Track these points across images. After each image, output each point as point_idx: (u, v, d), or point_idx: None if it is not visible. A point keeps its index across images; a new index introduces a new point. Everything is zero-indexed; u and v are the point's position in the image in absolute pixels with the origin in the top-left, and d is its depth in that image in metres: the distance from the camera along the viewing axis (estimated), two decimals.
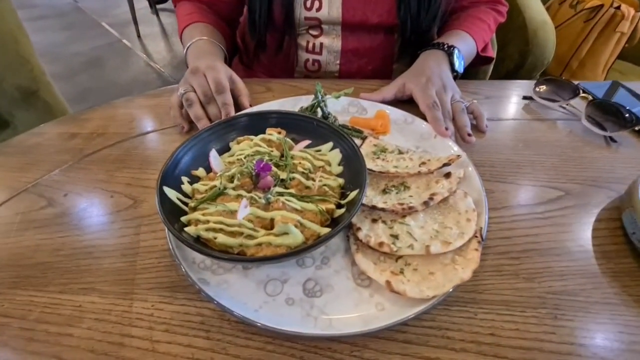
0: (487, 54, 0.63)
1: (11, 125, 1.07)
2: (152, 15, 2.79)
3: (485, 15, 0.62)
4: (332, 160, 0.36)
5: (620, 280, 0.31)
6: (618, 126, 0.46)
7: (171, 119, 0.47)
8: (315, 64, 0.63)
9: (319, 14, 0.57)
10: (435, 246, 0.30)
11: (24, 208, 0.37)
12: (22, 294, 0.30)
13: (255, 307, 0.28)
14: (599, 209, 0.37)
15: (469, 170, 0.38)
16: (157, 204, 0.29)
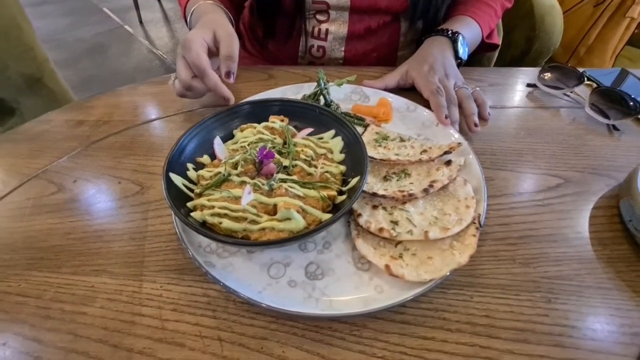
0: (493, 40, 0.62)
1: (17, 112, 1.08)
2: (154, 1, 2.75)
3: (492, 0, 0.60)
4: (334, 148, 0.37)
5: (615, 266, 0.32)
6: (622, 114, 0.46)
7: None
8: (320, 50, 0.63)
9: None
10: (434, 232, 0.30)
11: (35, 194, 0.38)
12: (37, 275, 0.31)
13: (259, 289, 0.29)
14: (597, 196, 0.38)
15: (470, 158, 0.39)
16: (163, 190, 0.30)
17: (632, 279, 0.31)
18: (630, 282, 0.30)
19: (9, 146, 0.44)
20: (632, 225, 0.33)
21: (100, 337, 0.27)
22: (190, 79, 0.43)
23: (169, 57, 2.14)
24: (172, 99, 0.51)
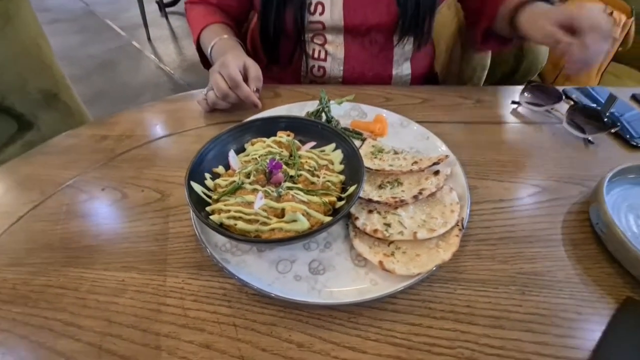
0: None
1: (34, 126, 1.14)
2: (162, 19, 2.86)
3: None
4: (334, 160, 0.42)
5: (583, 263, 0.36)
6: (597, 129, 0.51)
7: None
8: (321, 69, 0.68)
9: (322, 18, 0.62)
10: (422, 233, 0.35)
11: (68, 200, 0.43)
12: (73, 271, 0.36)
13: (268, 282, 0.33)
14: (571, 202, 0.42)
15: (456, 168, 0.43)
16: (186, 196, 0.35)
17: (597, 274, 0.35)
18: (595, 277, 0.34)
19: (44, 158, 0.49)
20: (598, 228, 0.37)
21: (131, 323, 0.31)
22: (228, 89, 0.52)
23: (176, 72, 2.22)
24: (187, 115, 0.57)
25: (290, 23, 0.62)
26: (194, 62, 2.32)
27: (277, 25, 0.63)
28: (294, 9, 0.60)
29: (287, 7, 0.61)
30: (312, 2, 0.61)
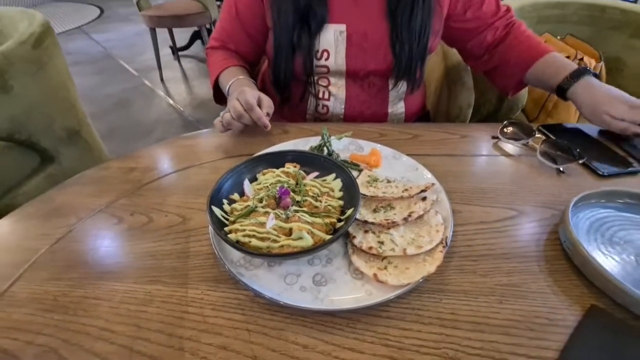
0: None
1: (56, 160, 1.22)
2: (174, 62, 3.08)
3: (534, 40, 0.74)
4: (334, 187, 0.48)
5: (554, 276, 0.40)
6: (567, 160, 0.57)
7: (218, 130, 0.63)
8: (325, 108, 0.77)
9: (327, 62, 0.71)
10: (411, 249, 0.40)
11: (101, 224, 0.49)
12: (107, 284, 0.41)
13: (277, 292, 0.38)
14: (544, 224, 0.47)
15: (441, 195, 0.49)
16: (208, 218, 0.41)
17: (566, 286, 0.39)
18: (564, 288, 0.39)
19: (78, 188, 0.56)
20: (566, 246, 0.42)
21: (158, 328, 0.36)
22: (243, 111, 0.60)
23: (186, 110, 2.37)
24: (204, 150, 0.64)
25: (300, 68, 0.71)
26: (203, 100, 2.48)
27: (287, 69, 0.72)
28: (303, 55, 0.69)
29: (296, 54, 0.70)
30: (318, 49, 0.70)
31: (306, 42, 0.68)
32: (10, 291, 0.40)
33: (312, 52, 0.70)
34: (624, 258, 0.41)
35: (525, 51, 0.72)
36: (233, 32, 0.77)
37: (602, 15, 1.20)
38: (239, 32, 0.76)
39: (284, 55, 0.71)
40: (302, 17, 0.66)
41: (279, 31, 0.69)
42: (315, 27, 0.67)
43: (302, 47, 0.68)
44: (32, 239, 0.47)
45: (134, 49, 3.40)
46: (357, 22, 0.68)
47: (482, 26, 0.74)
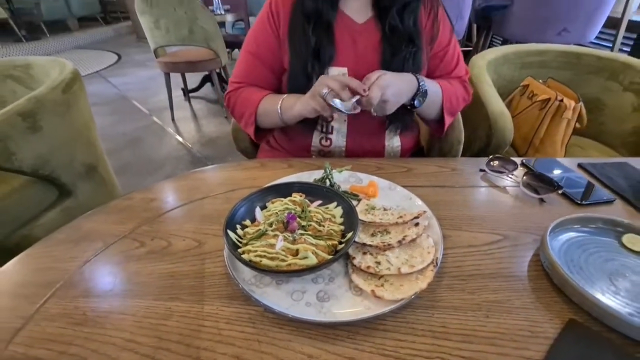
0: (447, 119, 0.82)
1: (73, 194, 1.29)
2: (185, 102, 3.27)
3: (457, 89, 0.84)
4: (336, 214, 0.53)
5: (536, 293, 0.45)
6: (547, 190, 0.63)
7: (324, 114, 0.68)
8: (328, 141, 0.84)
9: None
10: (405, 269, 0.45)
11: (125, 248, 0.54)
12: (131, 301, 0.45)
13: (285, 307, 0.42)
14: (527, 247, 0.52)
15: (432, 221, 0.54)
16: (224, 239, 0.46)
17: (547, 302, 0.43)
18: (545, 304, 0.43)
19: (104, 216, 0.62)
20: (546, 266, 0.47)
21: (177, 339, 0.40)
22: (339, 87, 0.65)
23: (195, 147, 2.48)
24: (217, 182, 0.71)
25: None
26: (211, 138, 2.60)
27: None
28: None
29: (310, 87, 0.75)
30: None
31: (320, 73, 0.75)
32: (44, 307, 0.45)
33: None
34: (598, 276, 0.45)
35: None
36: (252, 68, 0.82)
37: (579, 62, 1.32)
38: (258, 66, 0.81)
39: (298, 88, 0.76)
40: (314, 54, 0.75)
41: (295, 66, 0.77)
42: (325, 62, 0.75)
43: (315, 78, 0.74)
44: (63, 261, 0.52)
45: (147, 91, 3.62)
46: (356, 66, 0.77)
47: (434, 74, 0.84)
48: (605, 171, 0.70)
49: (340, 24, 0.76)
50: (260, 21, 0.80)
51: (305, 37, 0.74)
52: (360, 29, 0.77)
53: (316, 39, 0.74)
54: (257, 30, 0.81)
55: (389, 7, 0.74)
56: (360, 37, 0.77)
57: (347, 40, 0.76)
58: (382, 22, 0.76)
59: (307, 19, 0.74)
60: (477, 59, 1.26)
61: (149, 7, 2.36)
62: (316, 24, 0.74)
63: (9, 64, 1.41)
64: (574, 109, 1.07)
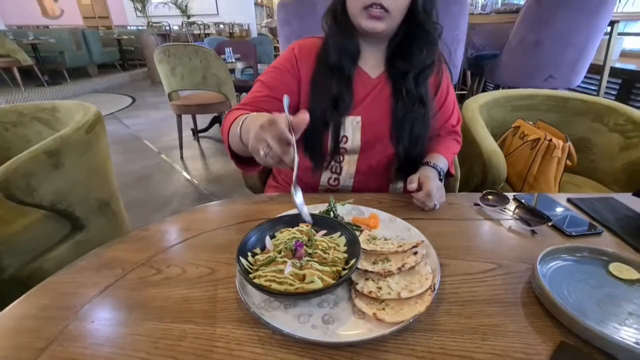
0: (452, 171, 0.90)
1: (85, 228, 1.34)
2: (194, 142, 3.41)
3: (454, 147, 0.91)
4: (339, 243, 0.58)
5: (529, 318, 0.47)
6: (538, 223, 0.67)
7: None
8: (336, 180, 0.90)
9: (346, 145, 0.84)
10: (404, 293, 0.48)
11: (142, 274, 0.58)
12: (149, 324, 0.48)
13: (292, 329, 0.45)
14: (520, 275, 0.55)
15: (430, 250, 0.58)
16: (237, 265, 0.50)
17: (539, 326, 0.46)
18: (537, 328, 0.46)
19: (123, 245, 0.66)
20: (537, 292, 0.50)
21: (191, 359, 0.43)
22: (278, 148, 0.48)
23: (202, 184, 2.55)
24: (229, 215, 0.76)
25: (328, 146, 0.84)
26: (218, 176, 2.69)
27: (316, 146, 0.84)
28: (332, 134, 0.82)
29: (326, 133, 0.82)
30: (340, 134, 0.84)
31: (337, 121, 0.81)
32: (67, 329, 0.48)
33: (339, 131, 0.83)
34: (586, 302, 0.48)
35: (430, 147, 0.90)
36: (263, 97, 0.81)
37: (566, 105, 1.42)
38: (269, 97, 0.81)
39: (316, 131, 0.81)
40: (333, 101, 0.81)
41: (315, 111, 0.79)
42: (342, 111, 0.81)
43: (332, 125, 0.81)
44: (85, 287, 0.55)
45: (158, 131, 3.79)
46: (369, 117, 0.84)
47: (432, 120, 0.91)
48: (593, 205, 0.74)
49: (357, 77, 0.83)
50: (283, 61, 0.84)
51: (328, 87, 0.80)
52: (373, 83, 0.85)
53: (338, 90, 0.80)
54: (278, 68, 0.84)
55: (405, 72, 0.82)
56: (373, 90, 0.84)
57: (362, 93, 0.84)
58: (393, 81, 0.84)
59: (331, 71, 0.81)
60: (470, 103, 1.36)
61: (167, 57, 2.57)
62: (339, 77, 0.81)
63: (36, 107, 1.53)
64: (563, 148, 1.14)
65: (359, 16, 0.74)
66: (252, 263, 0.54)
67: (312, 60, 0.84)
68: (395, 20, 0.75)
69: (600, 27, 2.01)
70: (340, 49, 0.80)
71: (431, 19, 0.77)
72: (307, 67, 0.84)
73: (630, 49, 3.08)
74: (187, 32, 7.57)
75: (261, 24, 9.43)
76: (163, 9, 8.07)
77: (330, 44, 0.81)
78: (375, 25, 0.73)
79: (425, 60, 0.81)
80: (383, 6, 0.71)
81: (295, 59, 0.84)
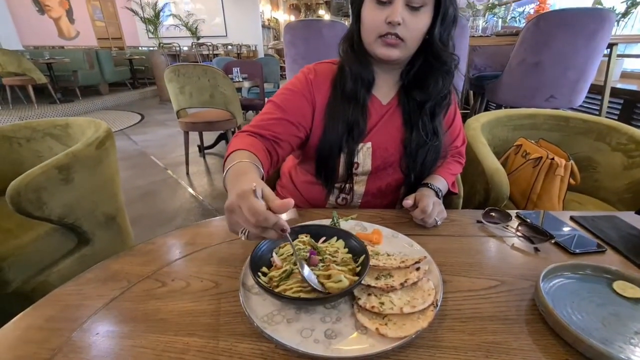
0: (454, 190, 0.91)
1: (91, 242, 1.35)
2: (200, 158, 3.46)
3: (455, 168, 0.93)
4: (339, 246, 0.59)
5: (532, 336, 0.47)
6: (541, 240, 0.67)
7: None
8: (344, 200, 0.91)
9: (356, 171, 0.85)
10: (407, 309, 0.48)
11: (148, 287, 0.59)
12: (152, 336, 0.48)
13: (295, 343, 0.45)
14: (523, 292, 0.55)
15: (432, 266, 0.59)
16: (259, 286, 0.51)
17: (544, 344, 0.46)
18: (542, 346, 0.45)
19: (129, 258, 0.67)
20: (541, 310, 0.50)
21: None
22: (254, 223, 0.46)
23: (206, 199, 2.57)
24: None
25: (341, 171, 0.85)
26: (222, 192, 2.71)
27: (329, 170, 0.85)
28: (345, 160, 0.83)
29: (340, 158, 0.83)
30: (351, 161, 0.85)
31: (351, 147, 0.82)
32: (72, 340, 0.48)
33: (352, 157, 0.82)
34: (591, 320, 0.48)
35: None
36: (275, 119, 0.79)
37: (568, 124, 1.43)
38: (281, 120, 0.79)
39: (330, 157, 0.83)
40: (348, 127, 0.82)
41: (329, 136, 0.81)
42: (357, 137, 0.82)
43: (346, 151, 0.82)
44: (91, 299, 0.56)
45: (165, 147, 3.86)
46: (381, 143, 0.85)
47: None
48: (596, 223, 0.74)
49: (370, 105, 0.85)
50: (298, 85, 0.83)
51: (344, 113, 0.81)
52: (384, 109, 0.86)
53: (354, 117, 0.81)
54: (292, 90, 0.83)
55: (421, 102, 0.82)
56: (384, 116, 0.86)
57: (374, 119, 0.85)
58: (404, 108, 0.85)
59: (347, 99, 0.81)
60: (472, 122, 1.38)
61: (177, 76, 2.65)
62: (355, 104, 0.82)
63: (50, 123, 1.58)
64: (565, 166, 1.14)
65: (374, 44, 0.75)
66: (266, 282, 0.53)
67: (327, 86, 0.84)
68: (410, 49, 0.75)
69: (599, 49, 2.05)
70: (356, 76, 0.81)
71: (448, 50, 0.77)
72: (322, 93, 0.83)
73: (631, 70, 3.13)
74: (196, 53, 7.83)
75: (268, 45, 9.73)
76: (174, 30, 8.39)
77: (346, 71, 0.82)
78: (390, 52, 0.74)
79: (442, 91, 0.81)
80: (398, 35, 0.72)
81: (310, 84, 0.83)
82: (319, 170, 0.87)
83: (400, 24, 0.70)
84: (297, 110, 0.81)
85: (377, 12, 0.72)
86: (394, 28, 0.71)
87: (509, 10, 4.30)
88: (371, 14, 0.73)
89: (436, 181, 0.86)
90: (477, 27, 2.99)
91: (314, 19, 2.43)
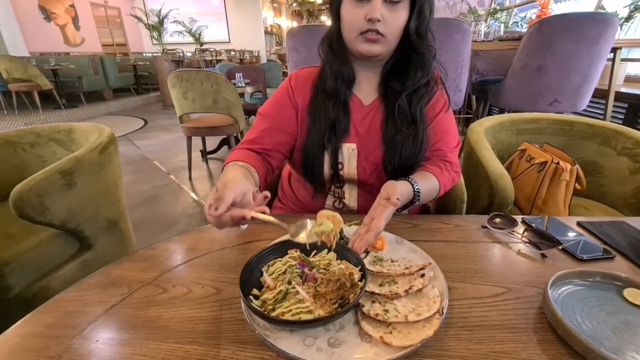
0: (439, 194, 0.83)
1: (93, 247, 1.34)
2: (203, 163, 3.46)
3: (451, 176, 0.89)
4: (331, 258, 0.57)
5: (541, 345, 0.46)
6: (547, 246, 0.66)
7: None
8: (341, 203, 0.90)
9: (342, 172, 0.86)
10: (412, 316, 0.47)
11: (149, 293, 0.58)
12: (152, 344, 0.48)
13: (298, 352, 0.44)
14: (531, 300, 0.54)
15: (437, 272, 0.57)
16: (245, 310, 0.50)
17: (553, 354, 0.44)
18: (551, 356, 0.44)
19: (130, 264, 0.66)
20: (549, 318, 0.49)
21: None
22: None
23: None
24: (235, 235, 0.76)
25: (326, 170, 0.85)
26: None
27: (316, 169, 0.85)
28: (330, 157, 0.83)
29: (324, 157, 0.84)
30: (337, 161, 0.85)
31: (334, 145, 0.83)
32: (72, 347, 0.47)
33: (337, 157, 0.83)
34: (601, 329, 0.47)
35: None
36: (264, 131, 0.84)
37: (572, 129, 1.42)
38: (270, 129, 0.84)
39: (314, 155, 0.83)
40: (330, 125, 0.83)
41: (313, 135, 0.84)
42: (340, 135, 0.83)
43: (330, 149, 0.83)
44: (91, 305, 0.56)
45: (168, 152, 3.87)
46: (363, 144, 0.85)
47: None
48: (603, 229, 0.73)
49: (351, 104, 0.86)
50: (280, 93, 0.90)
51: (325, 111, 0.83)
52: (366, 110, 0.86)
53: (335, 114, 0.83)
54: (276, 99, 0.88)
55: (398, 92, 0.82)
56: (366, 117, 0.86)
57: (356, 120, 0.86)
58: (385, 105, 0.85)
59: (328, 96, 0.84)
60: (475, 126, 1.38)
61: (180, 82, 2.67)
62: (335, 102, 0.83)
63: (54, 128, 1.59)
64: (571, 171, 1.13)
65: (356, 41, 0.76)
66: (259, 306, 0.51)
67: (308, 88, 0.87)
68: (390, 44, 0.77)
69: (602, 54, 2.04)
70: (336, 74, 0.83)
71: (425, 42, 0.78)
72: (303, 95, 0.87)
73: (635, 74, 3.11)
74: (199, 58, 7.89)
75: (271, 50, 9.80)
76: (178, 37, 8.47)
77: (326, 70, 0.84)
78: (372, 48, 0.76)
79: (420, 80, 0.81)
80: (379, 31, 0.73)
81: (291, 89, 0.88)
82: (305, 170, 0.87)
83: (380, 20, 0.72)
84: (282, 116, 0.86)
85: (356, 10, 0.73)
86: (374, 24, 0.72)
87: (511, 15, 4.31)
88: (351, 11, 0.74)
89: (422, 180, 0.77)
90: (479, 32, 3.00)
91: (316, 25, 2.44)
